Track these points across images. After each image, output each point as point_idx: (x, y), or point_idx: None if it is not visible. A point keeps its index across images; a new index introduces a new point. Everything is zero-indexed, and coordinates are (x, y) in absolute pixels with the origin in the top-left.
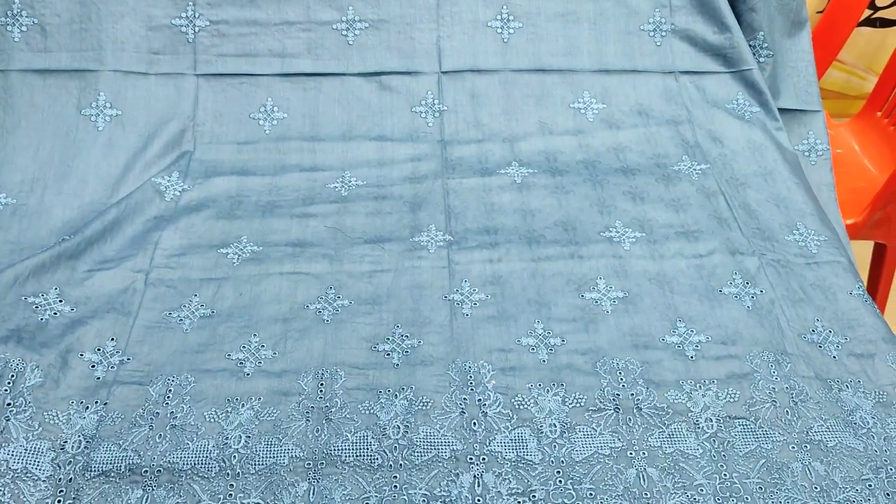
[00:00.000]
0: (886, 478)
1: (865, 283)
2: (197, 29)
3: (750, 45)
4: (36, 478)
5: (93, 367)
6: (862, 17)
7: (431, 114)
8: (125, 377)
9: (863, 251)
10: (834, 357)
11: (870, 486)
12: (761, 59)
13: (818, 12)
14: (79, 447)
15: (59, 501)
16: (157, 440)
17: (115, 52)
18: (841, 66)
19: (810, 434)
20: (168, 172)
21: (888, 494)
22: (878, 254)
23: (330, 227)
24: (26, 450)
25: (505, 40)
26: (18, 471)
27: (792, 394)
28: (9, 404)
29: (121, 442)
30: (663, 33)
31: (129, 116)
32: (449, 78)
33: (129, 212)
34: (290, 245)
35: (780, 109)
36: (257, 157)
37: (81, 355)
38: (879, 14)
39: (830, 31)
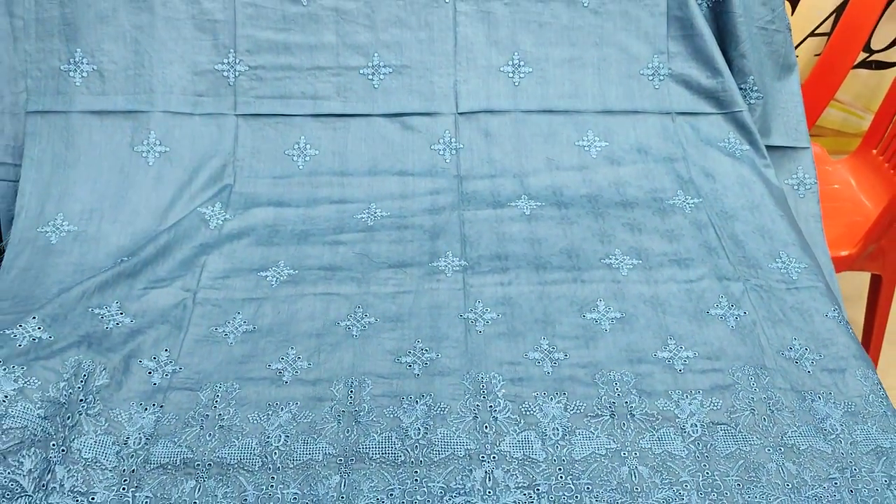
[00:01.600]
0: (851, 476)
1: (864, 312)
2: (237, 73)
3: (741, 88)
4: (104, 467)
5: (150, 373)
6: (858, 60)
7: (449, 151)
8: (178, 384)
9: (861, 282)
10: (809, 371)
11: (836, 483)
12: (752, 101)
13: (816, 55)
14: (139, 443)
15: (123, 489)
16: (208, 438)
17: (165, 94)
18: (839, 105)
19: (784, 439)
20: (212, 203)
21: (851, 491)
22: (875, 284)
23: (358, 254)
24: (96, 442)
25: (516, 84)
26: (89, 460)
27: (769, 403)
28: (81, 400)
29: (176, 439)
30: (661, 77)
31: (177, 153)
32: (465, 118)
33: (178, 238)
34: (323, 269)
35: (771, 146)
36: (291, 190)
37: (140, 361)
38: (875, 57)
39: (827, 73)
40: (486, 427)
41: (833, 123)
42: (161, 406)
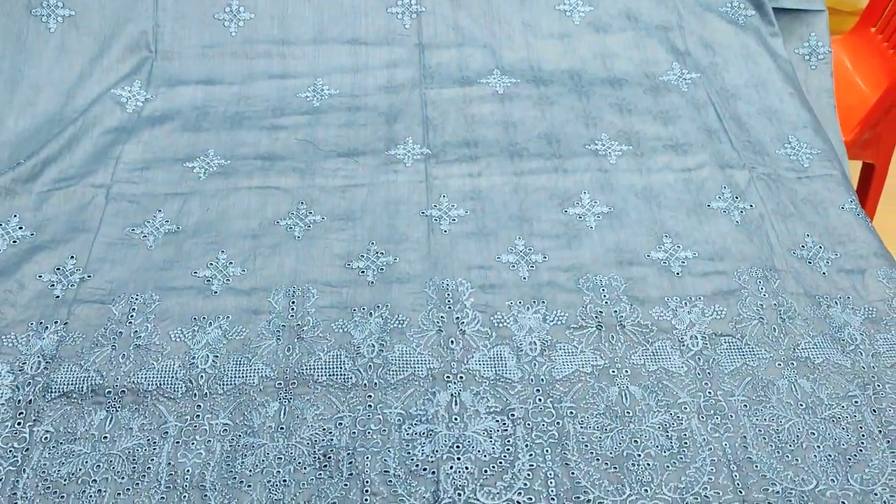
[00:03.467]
0: (874, 394)
1: None
2: None
3: None
4: None
5: (52, 286)
6: None
7: (408, 15)
8: (86, 295)
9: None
10: (824, 273)
11: (856, 402)
12: None
13: None
14: (38, 368)
15: (19, 424)
16: (121, 360)
17: None
18: None
19: (797, 351)
20: (129, 82)
21: (874, 411)
22: (866, 173)
23: (301, 140)
24: None
25: None
26: None
27: (780, 310)
28: None
29: (82, 362)
30: None
31: (84, 17)
32: None
33: (87, 125)
34: (260, 158)
35: (781, 9)
36: (223, 63)
37: (40, 276)
38: None
39: None
40: (452, 342)
41: (829, 0)
42: (65, 323)
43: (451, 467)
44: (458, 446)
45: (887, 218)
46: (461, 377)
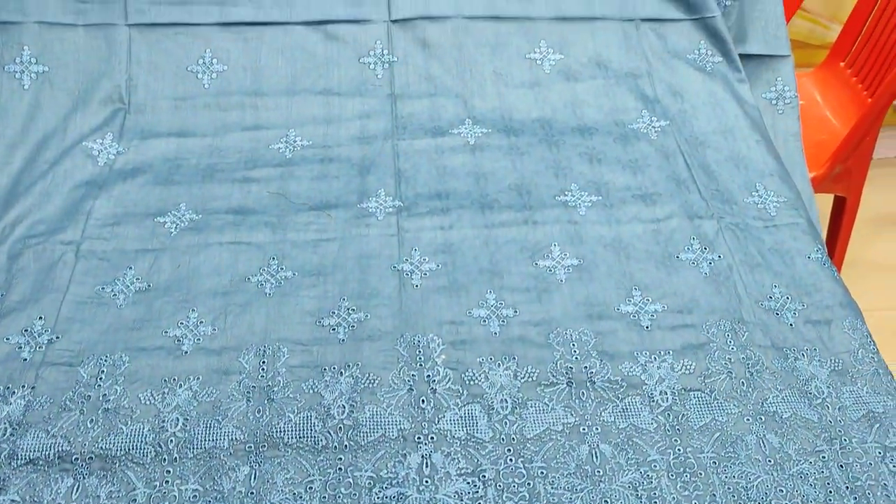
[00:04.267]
0: (840, 449)
1: (825, 236)
2: None
3: None
4: None
5: (19, 348)
6: None
7: (380, 65)
8: (54, 357)
9: (821, 206)
10: (791, 324)
11: (823, 457)
12: (726, 4)
13: None
14: (4, 434)
15: None
16: (89, 425)
17: (38, 1)
18: (805, 14)
19: (765, 405)
20: (101, 134)
21: (841, 466)
22: (838, 207)
23: (273, 193)
24: None
25: None
26: None
27: (748, 364)
28: None
29: (49, 428)
30: None
31: (57, 72)
32: (399, 26)
33: (58, 181)
34: (231, 212)
35: (746, 55)
36: (196, 114)
37: (7, 339)
38: None
39: None
40: (423, 401)
41: (799, 34)
42: (32, 387)
43: None
44: None
45: (863, 248)
46: (432, 437)
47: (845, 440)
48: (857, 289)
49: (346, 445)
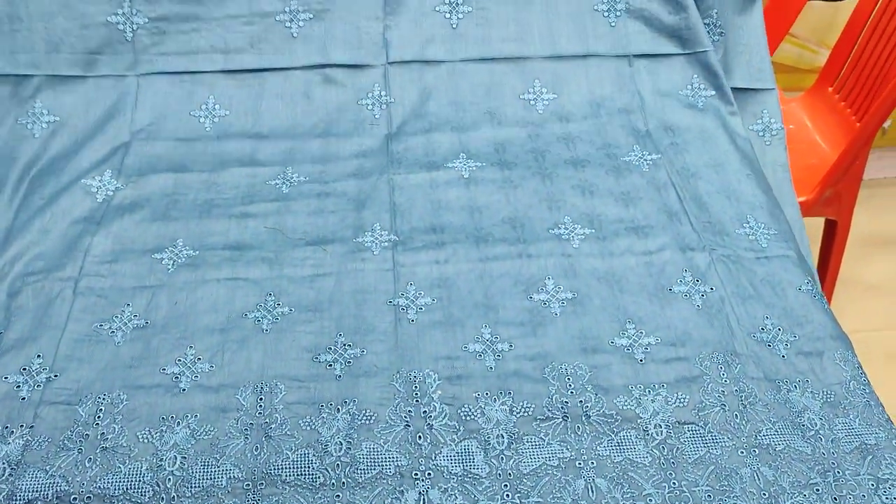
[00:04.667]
0: (834, 481)
1: (816, 259)
2: (135, 26)
3: (704, 24)
4: None
5: (17, 387)
6: None
7: (378, 106)
8: (52, 396)
9: (813, 228)
10: (783, 356)
11: (817, 490)
12: (715, 39)
13: None
14: (3, 475)
15: None
16: (87, 464)
17: (50, 54)
18: (793, 39)
19: (759, 437)
20: (99, 172)
21: (835, 499)
22: (829, 230)
23: (270, 228)
24: None
25: (454, 26)
26: None
27: (741, 396)
28: None
29: (48, 468)
30: (618, 13)
31: (68, 121)
32: (396, 69)
33: (56, 217)
34: (228, 248)
35: (732, 89)
36: (195, 152)
37: (6, 378)
38: None
39: (783, 5)
40: (420, 437)
41: (787, 59)
42: (31, 426)
43: None
44: None
45: (855, 269)
46: (429, 474)
47: (838, 472)
48: (848, 309)
49: (343, 482)
